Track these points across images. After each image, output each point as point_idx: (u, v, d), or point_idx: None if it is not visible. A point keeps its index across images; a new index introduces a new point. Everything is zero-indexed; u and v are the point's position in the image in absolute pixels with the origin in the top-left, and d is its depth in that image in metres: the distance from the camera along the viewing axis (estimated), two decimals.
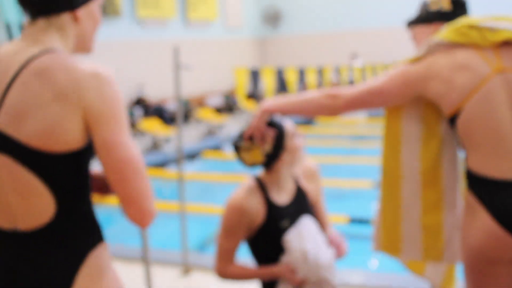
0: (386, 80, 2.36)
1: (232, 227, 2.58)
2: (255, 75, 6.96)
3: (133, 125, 15.71)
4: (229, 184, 10.30)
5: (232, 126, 16.39)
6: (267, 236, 2.57)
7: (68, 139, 1.66)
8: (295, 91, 9.33)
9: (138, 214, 1.71)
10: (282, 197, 2.63)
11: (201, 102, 19.54)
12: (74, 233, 1.76)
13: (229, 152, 13.08)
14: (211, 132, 14.74)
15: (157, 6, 18.22)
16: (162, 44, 18.01)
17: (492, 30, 2.20)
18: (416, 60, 2.34)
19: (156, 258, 5.59)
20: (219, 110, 19.61)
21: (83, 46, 1.86)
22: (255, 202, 2.58)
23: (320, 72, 10.29)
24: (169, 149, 12.50)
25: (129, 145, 1.69)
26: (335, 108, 2.43)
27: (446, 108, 2.24)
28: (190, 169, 11.76)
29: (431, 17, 2.52)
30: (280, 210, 2.59)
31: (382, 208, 2.59)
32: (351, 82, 19.29)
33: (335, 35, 23.12)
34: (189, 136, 14.93)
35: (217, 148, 13.75)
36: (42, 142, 1.65)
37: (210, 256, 6.05)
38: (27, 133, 1.65)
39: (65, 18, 1.77)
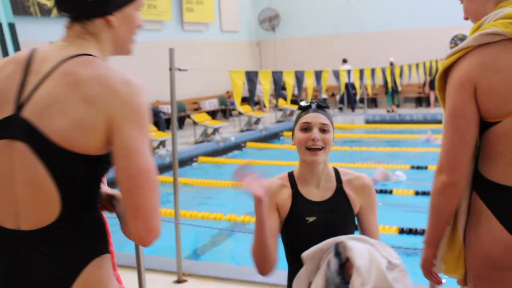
0: (451, 98, 2.15)
1: None
2: (251, 78, 6.91)
3: None
4: (225, 191, 10.26)
5: (228, 129, 16.35)
6: (292, 226, 2.59)
7: (89, 141, 1.69)
8: (292, 95, 9.32)
9: (144, 230, 1.69)
10: (314, 193, 2.63)
11: (196, 105, 19.51)
12: (76, 240, 1.74)
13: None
14: (207, 136, 14.69)
15: (152, 8, 18.19)
16: (157, 46, 17.98)
17: None
18: (466, 50, 2.13)
19: (150, 266, 5.54)
20: (214, 114, 19.59)
21: (121, 48, 1.92)
22: (282, 188, 2.64)
23: (318, 76, 10.26)
24: (163, 154, 12.43)
25: (149, 155, 1.71)
26: (452, 179, 2.15)
27: (495, 110, 2.10)
28: (185, 175, 11.71)
29: None
30: (308, 204, 2.59)
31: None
32: (351, 85, 19.34)
33: (332, 38, 23.14)
34: (185, 140, 14.88)
35: (213, 153, 13.71)
36: (64, 139, 1.68)
37: (205, 264, 6.00)
38: (52, 127, 1.68)
39: (98, 23, 1.82)
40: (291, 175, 2.69)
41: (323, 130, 2.59)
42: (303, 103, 2.73)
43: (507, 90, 2.06)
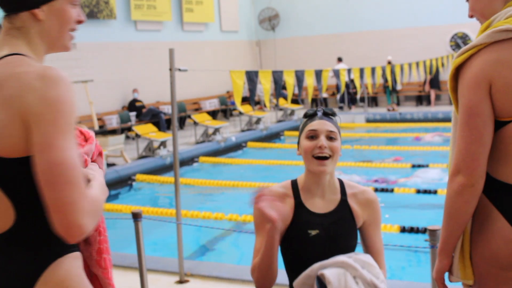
0: (465, 96, 2.09)
1: (258, 220, 2.54)
2: (252, 78, 6.91)
3: (127, 129, 15.68)
4: (226, 191, 10.26)
5: (229, 129, 16.35)
6: (293, 239, 2.52)
7: (14, 143, 1.67)
8: (292, 94, 9.34)
9: (63, 226, 1.61)
10: (318, 205, 2.56)
11: (197, 106, 19.51)
12: (36, 242, 1.76)
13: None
14: (207, 137, 14.69)
15: (152, 9, 18.19)
16: (157, 47, 17.99)
17: None
18: (479, 47, 2.09)
19: (152, 266, 5.54)
20: (215, 114, 19.59)
21: (54, 44, 1.85)
22: (284, 198, 2.55)
23: (318, 75, 10.25)
24: (164, 154, 12.42)
25: (65, 149, 1.63)
26: (470, 180, 2.09)
27: (506, 109, 2.07)
28: (186, 175, 11.71)
29: None
30: (311, 217, 2.52)
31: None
32: (351, 81, 19.32)
33: (332, 37, 23.12)
34: (185, 140, 14.88)
35: (214, 153, 13.71)
36: None
37: (207, 264, 6.00)
38: None
39: (24, 17, 1.78)
40: (294, 184, 2.61)
41: (330, 137, 2.51)
42: (309, 111, 2.62)
43: None
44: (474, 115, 2.06)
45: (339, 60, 21.06)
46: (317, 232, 2.50)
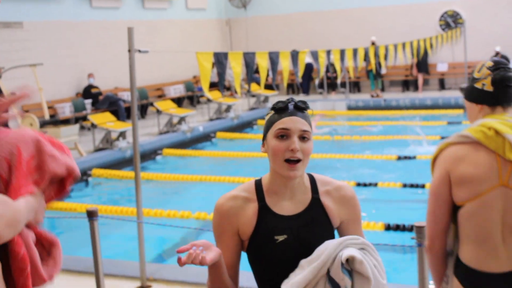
0: (433, 177, 2.89)
1: (216, 231, 2.51)
2: (221, 60, 6.89)
3: (82, 118, 15.55)
4: (193, 186, 10.25)
5: (196, 118, 16.32)
6: (259, 247, 2.47)
7: None
8: (265, 78, 9.34)
9: None
10: (286, 206, 2.49)
11: (160, 92, 19.42)
12: None
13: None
14: (172, 126, 14.65)
15: None
16: (115, 26, 17.84)
17: None
18: (448, 145, 2.88)
19: (110, 271, 5.52)
20: (180, 101, 19.52)
21: None
22: (245, 204, 2.49)
23: (295, 57, 10.26)
24: (124, 146, 12.36)
25: None
26: (428, 244, 2.96)
27: (460, 196, 2.80)
28: (148, 169, 11.67)
29: (475, 97, 2.96)
30: (278, 220, 2.46)
31: None
32: (331, 64, 19.38)
33: (309, 16, 23.15)
34: (147, 131, 14.82)
35: (179, 144, 13.67)
36: None
37: (171, 267, 5.99)
38: None
39: None
40: (258, 185, 2.53)
41: (303, 137, 2.40)
42: (277, 104, 2.47)
43: (471, 180, 2.78)
44: (434, 195, 2.89)
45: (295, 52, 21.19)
46: (285, 237, 2.44)
